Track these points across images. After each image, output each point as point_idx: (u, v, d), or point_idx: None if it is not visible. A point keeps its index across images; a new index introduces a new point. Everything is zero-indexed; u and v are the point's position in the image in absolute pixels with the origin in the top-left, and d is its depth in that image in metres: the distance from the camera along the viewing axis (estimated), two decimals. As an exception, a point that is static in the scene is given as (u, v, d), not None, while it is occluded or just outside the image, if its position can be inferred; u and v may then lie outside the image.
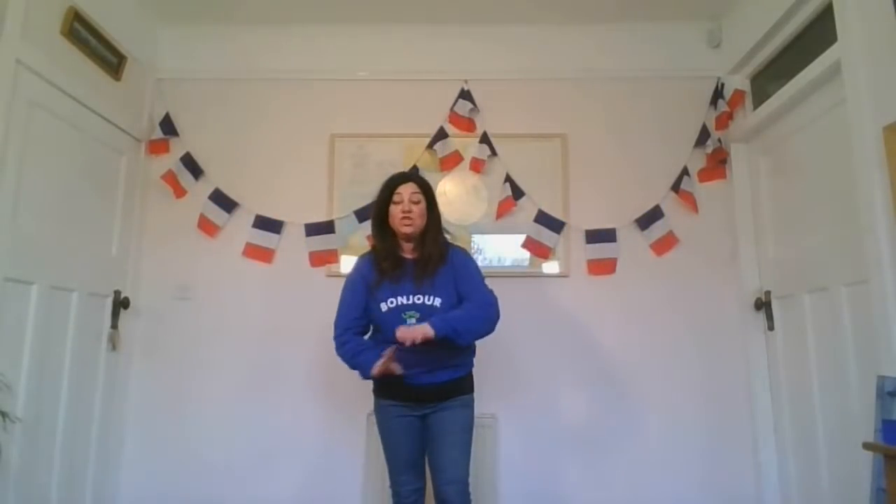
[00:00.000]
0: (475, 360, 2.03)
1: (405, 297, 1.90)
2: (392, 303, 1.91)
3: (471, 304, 1.90)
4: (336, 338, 1.95)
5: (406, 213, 1.94)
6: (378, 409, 2.01)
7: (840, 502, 2.12)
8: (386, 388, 1.94)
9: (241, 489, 2.59)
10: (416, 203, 1.96)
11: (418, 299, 1.90)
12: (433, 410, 1.93)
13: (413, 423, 1.94)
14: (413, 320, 1.87)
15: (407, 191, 1.97)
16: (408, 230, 1.95)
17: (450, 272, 1.95)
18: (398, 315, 1.89)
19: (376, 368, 1.80)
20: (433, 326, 1.76)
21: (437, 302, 1.90)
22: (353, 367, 1.91)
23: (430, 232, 1.99)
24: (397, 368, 1.82)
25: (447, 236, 2.07)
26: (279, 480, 2.61)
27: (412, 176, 2.08)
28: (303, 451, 2.62)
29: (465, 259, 2.03)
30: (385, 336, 1.89)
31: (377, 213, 2.01)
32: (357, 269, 2.04)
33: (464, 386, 1.97)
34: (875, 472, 1.68)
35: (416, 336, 1.74)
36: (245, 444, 2.63)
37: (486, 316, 1.89)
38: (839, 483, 2.13)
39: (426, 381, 1.89)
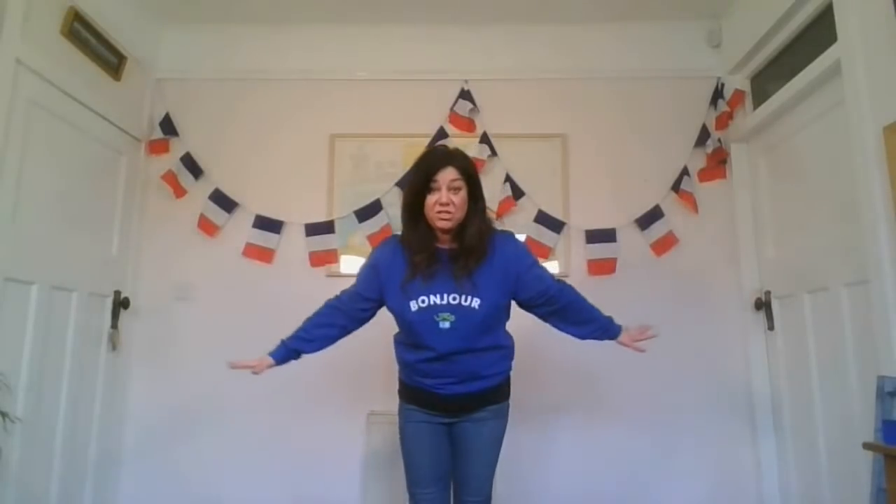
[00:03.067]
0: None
1: (439, 297, 1.64)
2: (424, 302, 1.64)
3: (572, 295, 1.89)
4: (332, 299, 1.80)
5: (444, 205, 1.61)
6: (402, 413, 1.81)
7: (840, 502, 2.12)
8: (410, 392, 1.76)
9: (241, 489, 2.59)
10: (457, 191, 1.63)
11: (454, 299, 1.64)
12: (461, 420, 1.73)
13: (439, 430, 1.74)
14: (447, 323, 1.63)
15: (445, 178, 1.62)
16: (446, 224, 1.64)
17: (497, 265, 1.68)
18: (430, 317, 1.64)
19: (241, 363, 1.83)
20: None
21: (476, 303, 1.64)
22: (306, 330, 1.79)
23: (472, 223, 1.67)
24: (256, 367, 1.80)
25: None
26: (279, 480, 2.60)
27: (452, 157, 1.67)
28: (302, 451, 2.62)
29: (518, 249, 1.76)
30: (414, 339, 1.68)
31: (409, 201, 1.68)
32: (376, 258, 1.75)
33: (498, 394, 1.76)
34: (875, 472, 1.68)
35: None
36: (245, 443, 2.63)
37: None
38: (839, 483, 2.12)
39: (455, 392, 1.68)
